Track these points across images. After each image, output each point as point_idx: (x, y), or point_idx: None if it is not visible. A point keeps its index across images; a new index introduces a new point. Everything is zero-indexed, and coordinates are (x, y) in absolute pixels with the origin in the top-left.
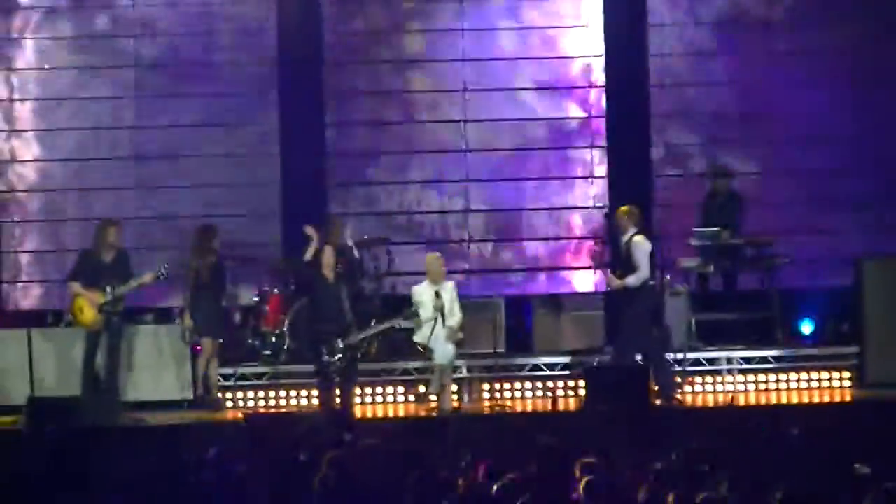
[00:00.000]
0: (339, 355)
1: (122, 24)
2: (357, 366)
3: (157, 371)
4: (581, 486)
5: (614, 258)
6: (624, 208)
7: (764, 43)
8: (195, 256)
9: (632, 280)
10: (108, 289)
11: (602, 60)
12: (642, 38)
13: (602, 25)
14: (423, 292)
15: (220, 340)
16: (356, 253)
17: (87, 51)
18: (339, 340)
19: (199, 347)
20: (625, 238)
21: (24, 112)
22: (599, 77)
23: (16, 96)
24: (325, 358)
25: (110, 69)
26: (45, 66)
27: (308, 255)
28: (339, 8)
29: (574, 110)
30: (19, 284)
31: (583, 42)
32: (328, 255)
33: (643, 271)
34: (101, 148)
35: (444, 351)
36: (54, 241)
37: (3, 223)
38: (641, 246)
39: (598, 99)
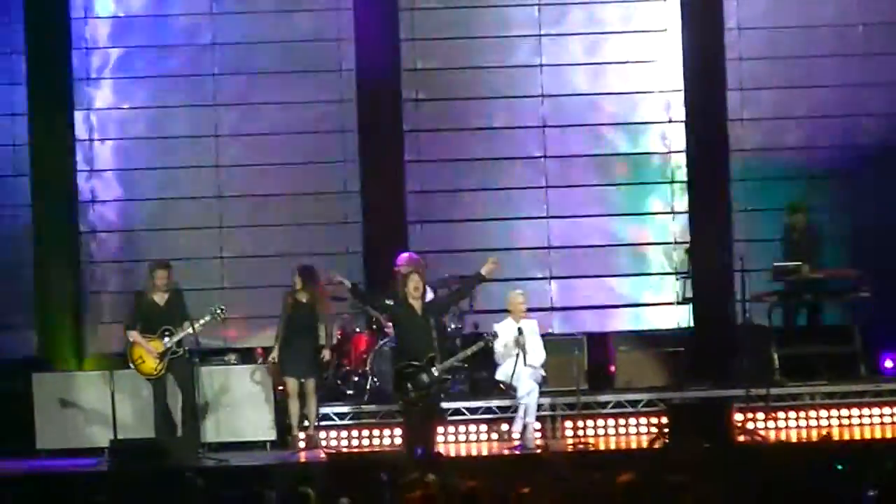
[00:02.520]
0: (425, 390)
1: (201, 63)
2: (441, 402)
3: (239, 412)
4: None
5: None
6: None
7: (843, 75)
8: (288, 295)
9: None
10: (167, 337)
11: (681, 95)
12: (721, 72)
13: (681, 60)
14: (505, 329)
15: (313, 380)
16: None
17: (166, 89)
18: (425, 375)
19: (281, 388)
20: None
21: (105, 151)
22: (678, 112)
23: (95, 136)
24: (412, 394)
25: (190, 108)
26: (125, 106)
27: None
28: (417, 45)
29: (654, 146)
30: (101, 326)
31: (661, 77)
32: (415, 283)
33: None
34: (183, 187)
35: (526, 388)
36: (136, 282)
37: (86, 264)
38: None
39: (678, 134)
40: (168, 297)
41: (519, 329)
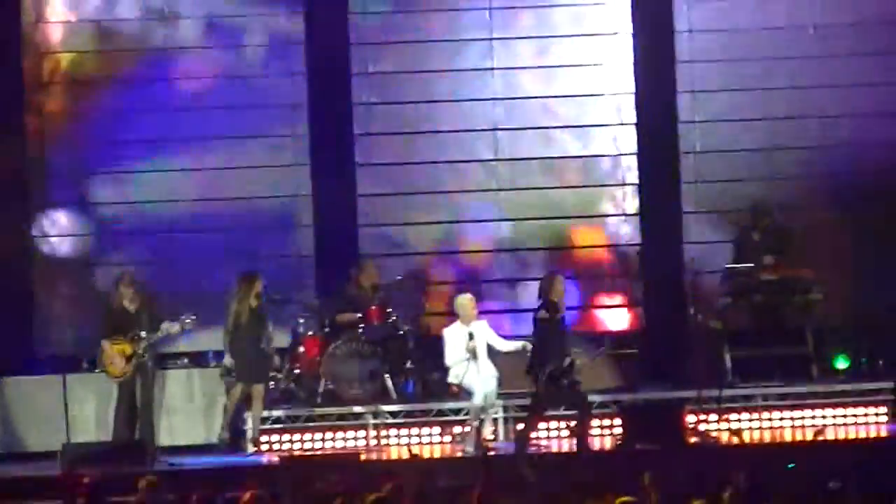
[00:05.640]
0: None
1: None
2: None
3: (191, 415)
4: None
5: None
6: None
7: (793, 76)
8: (236, 301)
9: None
10: (137, 338)
11: (632, 98)
12: (671, 75)
13: (631, 62)
14: (455, 333)
15: (262, 385)
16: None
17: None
18: (571, 374)
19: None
20: None
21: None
22: (629, 115)
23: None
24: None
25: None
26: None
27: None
28: (367, 49)
29: (605, 148)
30: (53, 329)
31: (612, 80)
32: (563, 284)
33: None
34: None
35: (480, 392)
36: (87, 285)
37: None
38: None
39: (629, 137)
40: (139, 304)
41: (469, 333)
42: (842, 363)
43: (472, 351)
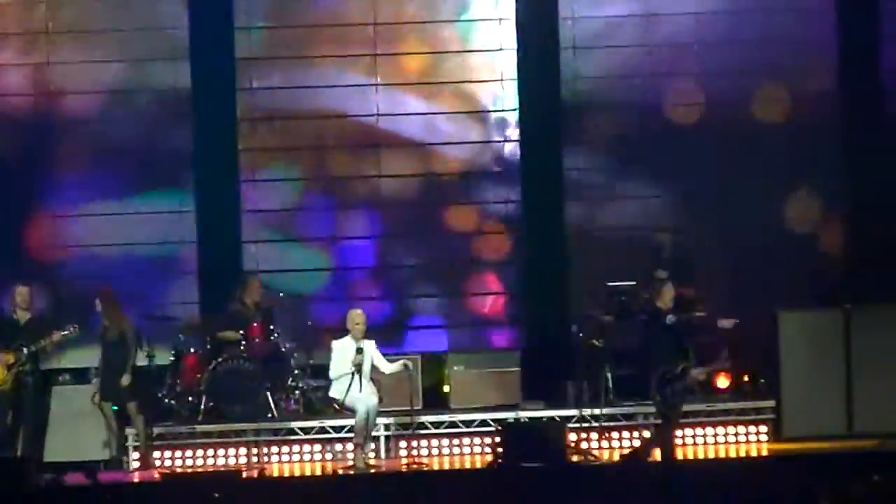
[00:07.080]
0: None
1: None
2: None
3: (74, 431)
4: None
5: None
6: None
7: (683, 67)
8: (104, 318)
9: None
10: (19, 349)
11: (515, 114)
12: (556, 93)
13: (516, 79)
14: (343, 348)
15: (134, 402)
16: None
17: None
18: (681, 384)
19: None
20: None
21: None
22: (514, 131)
23: None
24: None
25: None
26: None
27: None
28: (254, 65)
29: (490, 164)
30: None
31: (497, 96)
32: (668, 293)
33: None
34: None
35: (363, 408)
36: None
37: None
38: None
39: (513, 154)
40: (30, 317)
41: (358, 349)
42: (723, 381)
43: (358, 366)
